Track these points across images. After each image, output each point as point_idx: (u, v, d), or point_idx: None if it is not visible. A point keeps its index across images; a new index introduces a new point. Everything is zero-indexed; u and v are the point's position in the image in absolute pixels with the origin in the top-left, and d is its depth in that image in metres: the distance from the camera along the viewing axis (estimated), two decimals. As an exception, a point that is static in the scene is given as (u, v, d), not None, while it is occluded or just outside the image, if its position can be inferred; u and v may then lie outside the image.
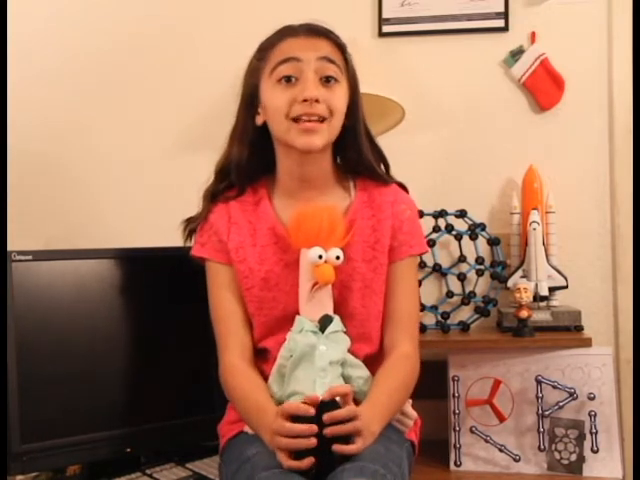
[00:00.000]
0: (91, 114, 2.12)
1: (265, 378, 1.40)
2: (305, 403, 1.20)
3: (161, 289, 1.66)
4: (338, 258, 1.35)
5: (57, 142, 2.12)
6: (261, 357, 1.46)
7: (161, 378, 1.64)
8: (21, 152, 2.03)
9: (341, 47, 1.42)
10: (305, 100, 1.35)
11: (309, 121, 1.36)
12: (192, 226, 1.49)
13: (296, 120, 1.36)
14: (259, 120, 1.43)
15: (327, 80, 1.38)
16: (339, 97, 1.39)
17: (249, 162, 1.45)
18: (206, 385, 1.62)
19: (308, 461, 1.17)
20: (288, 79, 1.37)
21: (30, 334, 1.48)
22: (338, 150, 1.48)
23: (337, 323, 1.36)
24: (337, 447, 1.18)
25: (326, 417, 1.17)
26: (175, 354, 1.65)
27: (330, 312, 1.37)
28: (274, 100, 1.38)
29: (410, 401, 1.46)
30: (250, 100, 1.43)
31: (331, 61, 1.38)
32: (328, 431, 1.17)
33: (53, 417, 1.50)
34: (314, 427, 1.16)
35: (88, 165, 2.12)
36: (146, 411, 1.61)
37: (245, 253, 1.44)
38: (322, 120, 1.37)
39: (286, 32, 1.42)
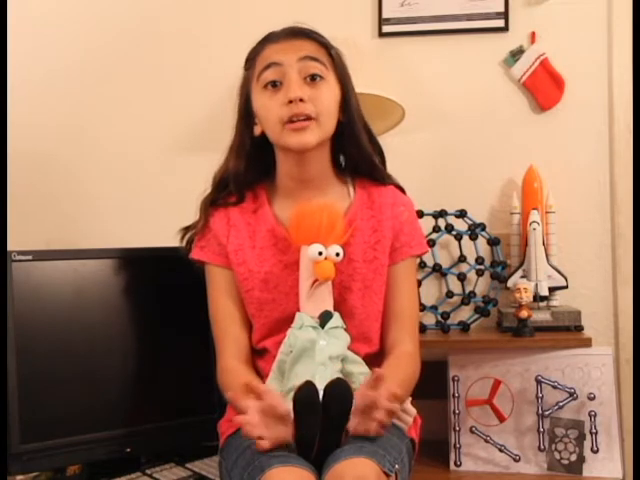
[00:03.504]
0: (91, 115, 2.12)
1: (264, 377, 1.40)
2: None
3: (161, 289, 1.66)
4: (338, 255, 1.36)
5: (57, 142, 2.12)
6: (260, 356, 1.47)
7: (161, 378, 1.64)
8: (21, 152, 2.03)
9: (324, 45, 1.43)
10: (290, 101, 1.36)
11: (298, 121, 1.37)
12: (190, 235, 1.50)
13: (286, 122, 1.38)
14: (257, 130, 1.45)
15: (312, 78, 1.40)
16: (326, 94, 1.40)
17: (247, 173, 1.47)
18: (206, 385, 1.62)
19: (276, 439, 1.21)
20: (273, 84, 1.39)
21: (30, 334, 1.48)
22: (337, 147, 1.49)
23: (337, 319, 1.37)
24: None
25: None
26: (175, 354, 1.65)
27: (330, 308, 1.38)
28: (263, 107, 1.41)
29: (409, 399, 1.47)
30: (245, 112, 1.45)
31: (314, 59, 1.39)
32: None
33: (53, 417, 1.50)
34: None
35: (88, 165, 2.12)
36: (146, 411, 1.61)
37: (244, 255, 1.45)
38: (311, 118, 1.38)
39: (268, 39, 1.44)
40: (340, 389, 1.20)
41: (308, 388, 1.20)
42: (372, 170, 1.48)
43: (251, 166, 1.47)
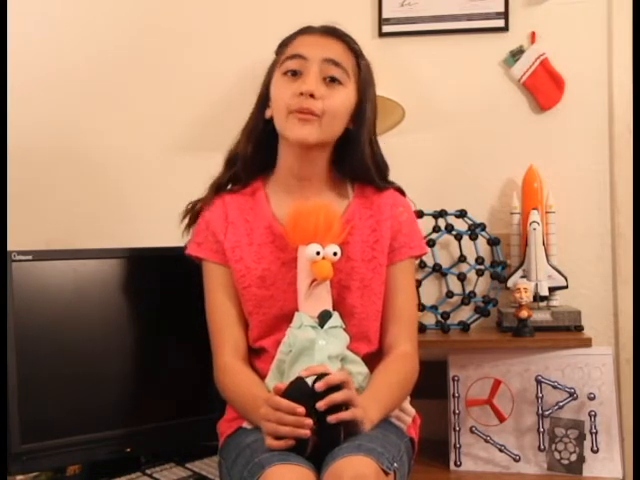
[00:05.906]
0: (92, 115, 2.11)
1: (262, 377, 1.41)
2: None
3: (161, 289, 1.66)
4: (335, 254, 1.37)
5: (57, 142, 2.12)
6: (258, 356, 1.47)
7: (161, 378, 1.64)
8: (21, 152, 2.02)
9: (355, 52, 1.45)
10: (301, 94, 1.37)
11: (302, 113, 1.38)
12: (195, 208, 1.50)
13: (290, 112, 1.39)
14: (268, 113, 1.46)
15: (331, 80, 1.41)
16: (339, 98, 1.41)
17: (253, 157, 1.48)
18: (206, 385, 1.61)
19: (286, 442, 1.20)
20: (294, 73, 1.41)
21: (30, 334, 1.48)
22: (339, 153, 1.49)
23: (336, 319, 1.38)
24: (331, 417, 1.20)
25: (319, 384, 1.20)
26: (175, 354, 1.65)
27: (329, 308, 1.38)
28: (277, 90, 1.43)
29: (408, 398, 1.47)
30: (264, 94, 1.47)
31: (337, 64, 1.41)
32: (321, 404, 1.20)
33: (53, 417, 1.50)
34: (301, 408, 1.19)
35: (89, 165, 2.11)
36: (146, 411, 1.61)
37: (242, 252, 1.45)
38: (315, 115, 1.39)
39: (304, 29, 1.47)
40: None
41: (299, 383, 1.22)
42: (369, 181, 1.49)
43: (257, 151, 1.48)
